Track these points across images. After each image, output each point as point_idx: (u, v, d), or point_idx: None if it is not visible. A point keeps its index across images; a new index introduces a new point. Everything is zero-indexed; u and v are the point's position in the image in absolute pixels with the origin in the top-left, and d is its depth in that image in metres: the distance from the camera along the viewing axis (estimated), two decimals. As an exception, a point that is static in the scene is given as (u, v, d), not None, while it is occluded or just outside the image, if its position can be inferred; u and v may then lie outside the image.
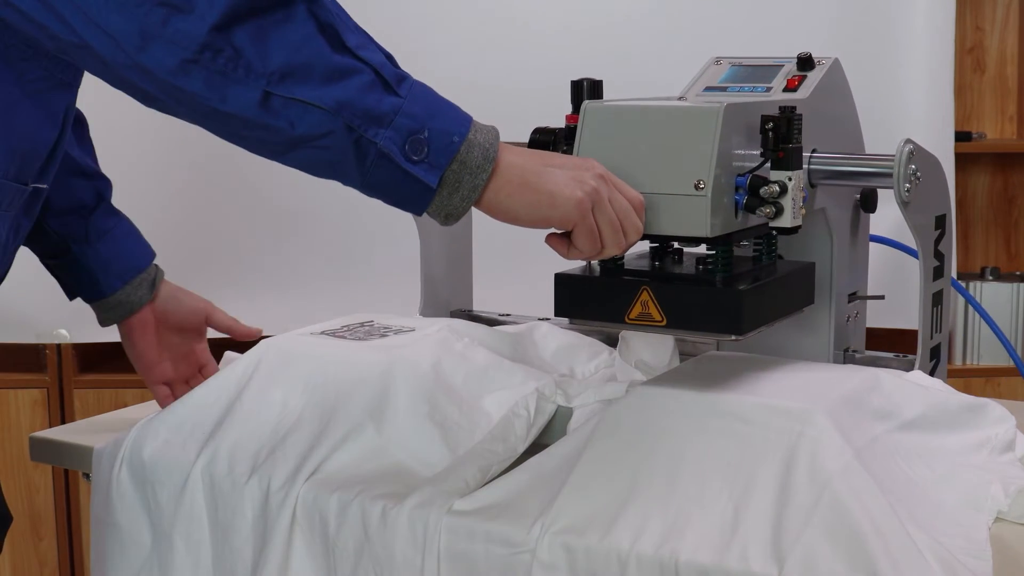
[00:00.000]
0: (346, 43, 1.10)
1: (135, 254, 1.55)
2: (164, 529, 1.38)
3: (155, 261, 1.57)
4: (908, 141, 1.37)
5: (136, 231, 1.56)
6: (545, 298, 1.36)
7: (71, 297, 1.57)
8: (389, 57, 1.14)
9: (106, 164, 1.56)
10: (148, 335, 1.58)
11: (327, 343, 1.52)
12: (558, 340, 1.64)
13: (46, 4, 1.07)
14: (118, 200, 1.55)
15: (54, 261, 1.53)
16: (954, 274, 2.47)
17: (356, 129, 1.10)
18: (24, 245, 1.50)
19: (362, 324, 1.62)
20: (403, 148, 1.11)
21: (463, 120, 1.15)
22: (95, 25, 1.06)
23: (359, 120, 1.10)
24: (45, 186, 1.29)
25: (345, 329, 1.59)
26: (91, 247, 1.51)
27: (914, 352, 1.46)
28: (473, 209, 1.19)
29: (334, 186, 1.18)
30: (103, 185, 1.53)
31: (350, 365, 1.45)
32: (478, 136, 1.15)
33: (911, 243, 1.47)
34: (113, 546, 1.41)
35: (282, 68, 1.07)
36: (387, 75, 1.11)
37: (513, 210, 1.18)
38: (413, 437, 1.37)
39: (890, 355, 1.51)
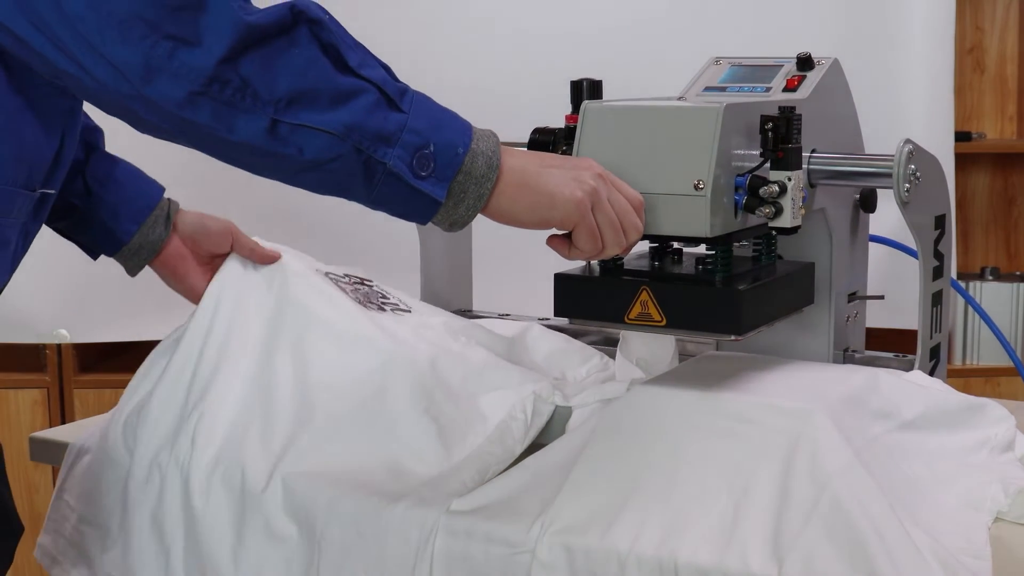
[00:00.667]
0: (348, 63, 1.10)
1: (142, 193, 1.51)
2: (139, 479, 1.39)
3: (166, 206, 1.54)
4: (908, 141, 1.37)
5: (138, 171, 1.52)
6: (545, 298, 1.36)
7: (94, 256, 1.53)
8: (388, 70, 1.14)
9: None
10: (188, 267, 1.54)
11: (333, 325, 1.48)
12: (549, 344, 1.63)
13: (44, 31, 1.06)
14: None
15: (64, 223, 1.49)
16: (954, 274, 2.47)
17: (365, 151, 1.10)
18: None
19: (362, 281, 1.60)
20: (411, 165, 1.12)
21: (464, 129, 1.15)
22: (99, 55, 1.05)
23: (367, 142, 1.10)
24: (53, 191, 1.28)
25: (347, 280, 1.57)
26: (94, 198, 1.47)
27: (914, 352, 1.46)
28: None
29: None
30: (91, 135, 1.49)
31: (351, 354, 1.44)
32: (480, 144, 1.15)
33: (911, 243, 1.47)
34: (101, 463, 1.43)
35: (289, 94, 1.07)
36: (390, 91, 1.11)
37: (514, 213, 1.18)
38: (409, 430, 1.37)
39: (890, 355, 1.51)
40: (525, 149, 1.29)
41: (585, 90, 1.41)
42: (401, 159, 1.11)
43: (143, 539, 1.37)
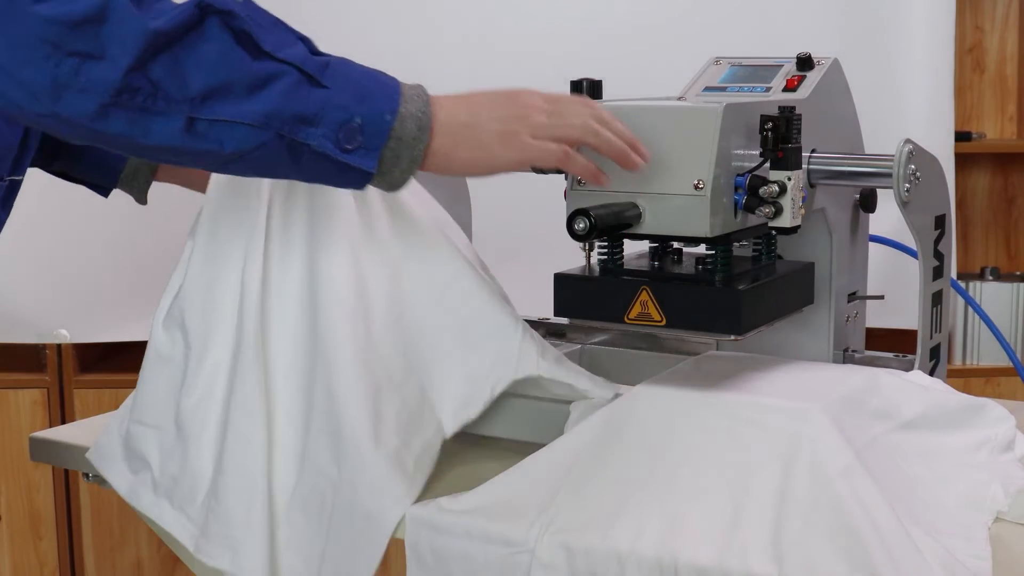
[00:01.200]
0: (263, 47, 1.08)
1: None
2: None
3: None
4: (908, 141, 1.37)
5: None
6: (545, 298, 1.36)
7: (104, 192, 1.53)
8: (307, 42, 1.12)
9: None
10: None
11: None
12: None
13: None
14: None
15: (60, 163, 1.48)
16: (954, 274, 2.47)
17: (287, 135, 1.09)
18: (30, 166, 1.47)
19: None
20: (336, 141, 1.10)
21: (392, 94, 1.13)
22: (9, 77, 1.04)
23: (289, 126, 1.09)
24: (20, 178, 1.28)
25: None
26: None
27: (914, 352, 1.46)
28: (472, 209, 1.19)
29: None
30: None
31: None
32: (409, 107, 1.13)
33: (911, 243, 1.47)
34: (150, 365, 1.44)
35: (203, 91, 1.06)
36: (310, 69, 1.10)
37: (452, 169, 1.18)
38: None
39: (890, 355, 1.51)
40: (455, 95, 1.23)
41: (585, 90, 1.41)
42: (326, 137, 1.10)
43: (204, 440, 1.35)
